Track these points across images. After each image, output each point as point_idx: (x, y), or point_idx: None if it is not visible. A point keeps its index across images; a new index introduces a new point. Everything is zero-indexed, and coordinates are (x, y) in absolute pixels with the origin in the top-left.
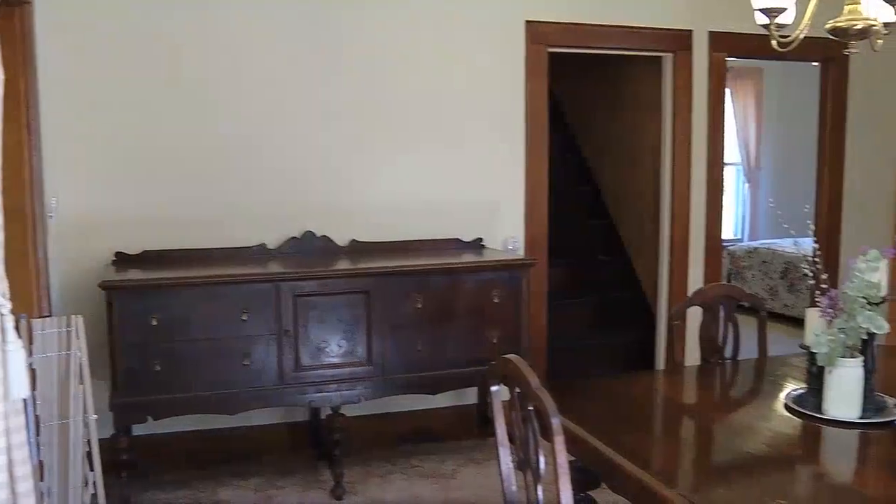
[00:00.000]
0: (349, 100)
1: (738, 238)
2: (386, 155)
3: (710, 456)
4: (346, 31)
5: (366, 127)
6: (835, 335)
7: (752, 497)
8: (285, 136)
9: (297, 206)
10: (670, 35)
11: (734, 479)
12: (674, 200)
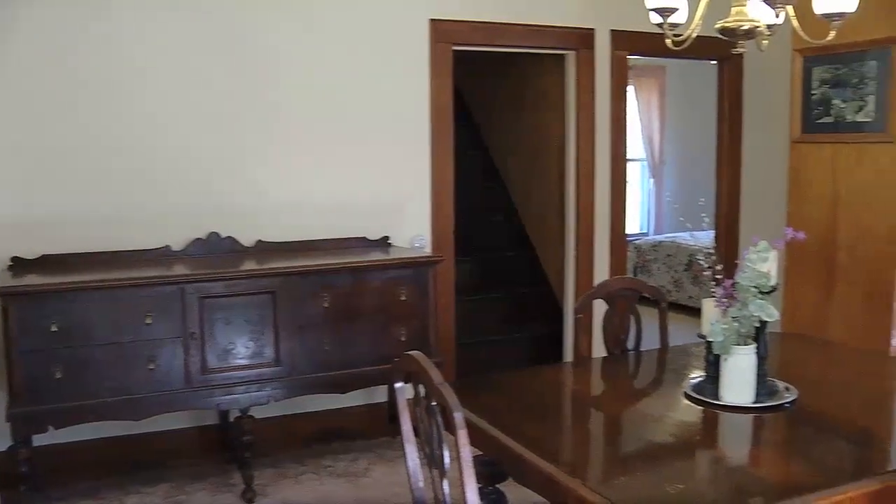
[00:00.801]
0: (253, 99)
1: (643, 232)
2: (291, 154)
3: (614, 446)
4: (250, 30)
5: (270, 126)
6: (729, 324)
7: (653, 484)
8: (188, 135)
9: (202, 207)
10: (573, 33)
11: (637, 468)
12: (578, 196)
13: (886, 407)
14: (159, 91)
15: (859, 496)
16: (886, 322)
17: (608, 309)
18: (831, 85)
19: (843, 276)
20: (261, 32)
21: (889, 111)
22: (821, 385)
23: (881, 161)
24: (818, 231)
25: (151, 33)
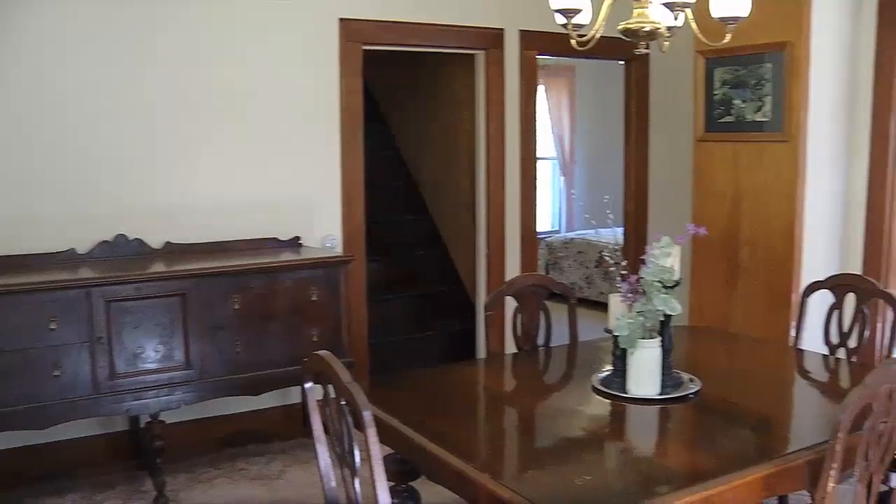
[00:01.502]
0: (160, 99)
1: (555, 230)
2: (200, 154)
3: (525, 440)
4: (157, 29)
5: (179, 126)
6: (634, 318)
7: (562, 477)
8: (93, 135)
9: (108, 209)
10: (483, 33)
11: (546, 461)
12: (489, 194)
13: (785, 395)
14: (62, 89)
15: (756, 479)
16: (786, 314)
17: (517, 306)
18: (732, 86)
19: (746, 271)
20: (168, 30)
21: (784, 111)
22: (724, 375)
23: (778, 159)
24: (721, 227)
25: (52, 29)
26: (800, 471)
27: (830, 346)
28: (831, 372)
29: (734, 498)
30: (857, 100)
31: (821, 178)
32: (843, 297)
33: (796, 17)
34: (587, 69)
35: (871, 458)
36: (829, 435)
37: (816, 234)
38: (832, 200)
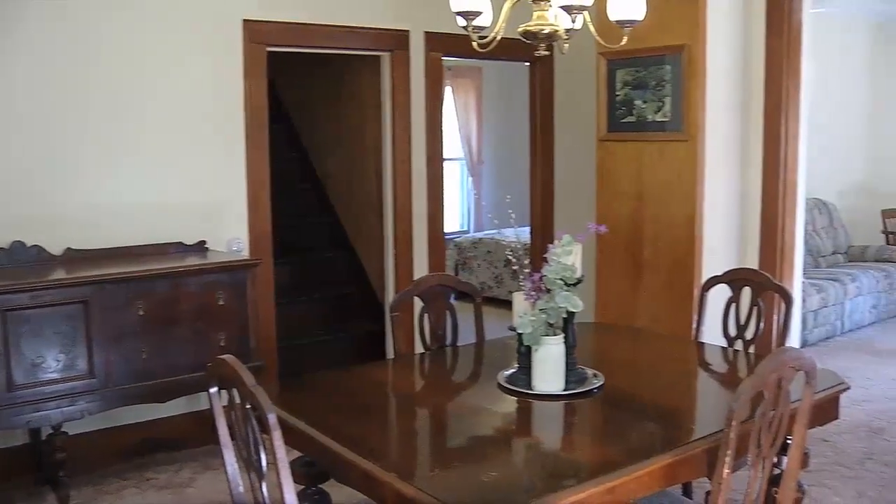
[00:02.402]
0: (57, 102)
1: (464, 230)
2: (100, 157)
3: (432, 439)
4: (59, 28)
5: (77, 130)
6: (537, 316)
7: (469, 474)
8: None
9: (4, 215)
10: (388, 35)
11: (454, 459)
12: (396, 196)
13: (686, 386)
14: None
15: (658, 469)
16: (688, 309)
17: (424, 305)
18: (633, 86)
19: (649, 267)
20: (66, 31)
21: (683, 111)
22: (628, 370)
23: (678, 158)
24: (625, 225)
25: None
26: (699, 459)
27: (729, 339)
28: (730, 363)
29: (637, 487)
30: (751, 100)
31: (719, 175)
32: (739, 290)
33: (693, 20)
34: (494, 70)
35: (763, 443)
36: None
37: (716, 231)
38: (730, 197)
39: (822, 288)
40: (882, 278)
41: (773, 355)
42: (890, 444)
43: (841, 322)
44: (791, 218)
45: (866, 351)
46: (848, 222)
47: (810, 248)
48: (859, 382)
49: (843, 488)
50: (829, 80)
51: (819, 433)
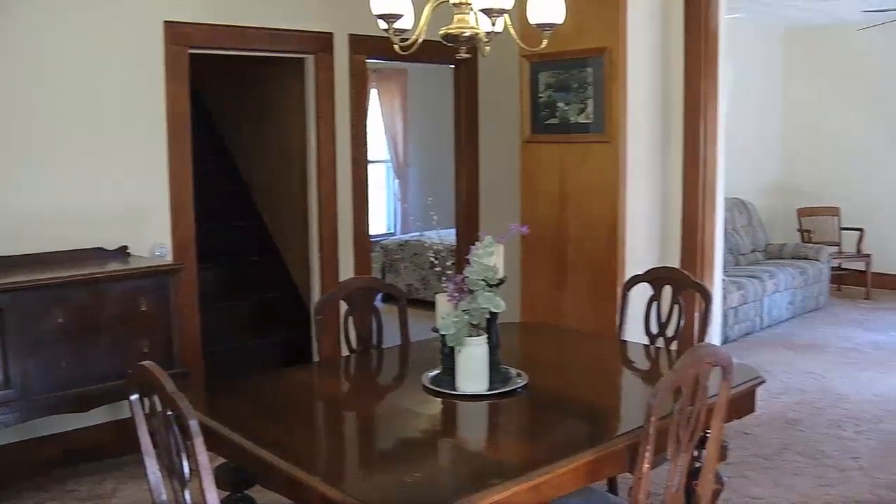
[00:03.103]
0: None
1: (390, 232)
2: (17, 161)
3: (357, 442)
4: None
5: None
6: (460, 317)
7: (394, 475)
8: None
9: None
10: (311, 37)
11: (378, 461)
12: (321, 198)
13: (609, 384)
14: None
15: (581, 466)
16: (611, 307)
17: (348, 308)
18: (556, 89)
19: (573, 267)
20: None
21: (605, 113)
22: (552, 369)
23: (601, 159)
24: (549, 226)
25: None
26: (621, 455)
27: (651, 336)
28: (652, 360)
29: (560, 484)
30: (671, 102)
31: (640, 176)
32: (660, 289)
33: (613, 24)
34: (419, 72)
35: (682, 438)
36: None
37: (638, 230)
38: (651, 197)
39: (742, 285)
40: (798, 275)
41: (691, 352)
42: (805, 435)
43: (760, 318)
44: (710, 217)
45: (784, 345)
46: (766, 221)
47: (730, 247)
48: (777, 376)
49: (762, 479)
50: (747, 83)
51: (739, 426)
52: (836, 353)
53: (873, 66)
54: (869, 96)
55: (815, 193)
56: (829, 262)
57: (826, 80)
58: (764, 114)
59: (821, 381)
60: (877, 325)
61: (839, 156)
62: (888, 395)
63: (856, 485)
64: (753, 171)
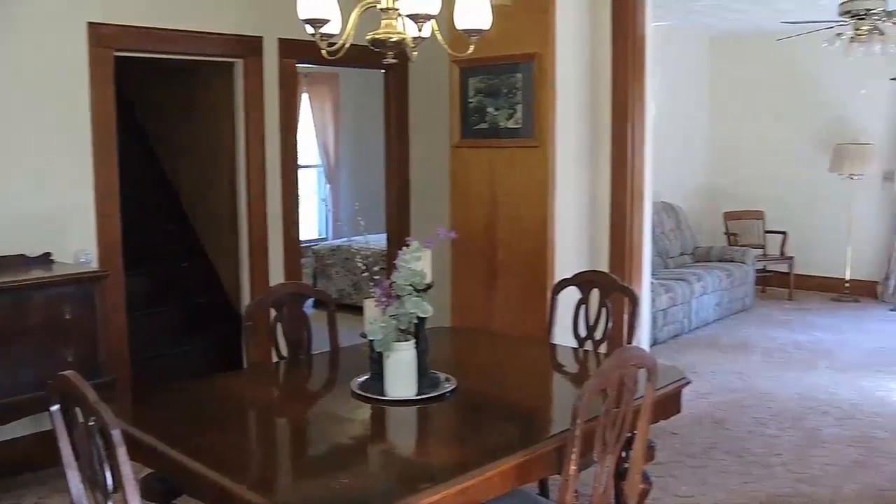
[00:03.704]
0: None
1: (322, 237)
2: None
3: (285, 449)
4: None
5: None
6: (388, 322)
7: (322, 482)
8: None
9: None
10: (240, 41)
11: (308, 469)
12: (250, 204)
13: (538, 387)
14: None
15: (509, 468)
16: (542, 311)
17: (276, 314)
18: (485, 94)
19: (504, 271)
20: None
21: (534, 118)
22: (481, 373)
23: (530, 164)
24: (479, 230)
25: None
26: (549, 457)
27: (579, 339)
28: (580, 363)
29: (489, 488)
30: (599, 107)
31: (569, 180)
32: (588, 292)
33: (543, 30)
34: (351, 77)
35: (608, 440)
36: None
37: (567, 234)
38: (580, 202)
39: (671, 288)
40: (725, 277)
41: (616, 354)
42: (731, 433)
43: (688, 320)
44: (639, 221)
45: (712, 346)
46: (694, 224)
47: (659, 250)
48: (705, 376)
49: (689, 477)
50: (675, 89)
51: (667, 426)
52: (761, 353)
53: (794, 74)
54: (791, 103)
55: (741, 197)
56: (755, 265)
57: (750, 87)
58: (692, 119)
59: (746, 381)
60: (799, 326)
61: (763, 161)
62: (809, 392)
63: (778, 480)
64: (682, 176)
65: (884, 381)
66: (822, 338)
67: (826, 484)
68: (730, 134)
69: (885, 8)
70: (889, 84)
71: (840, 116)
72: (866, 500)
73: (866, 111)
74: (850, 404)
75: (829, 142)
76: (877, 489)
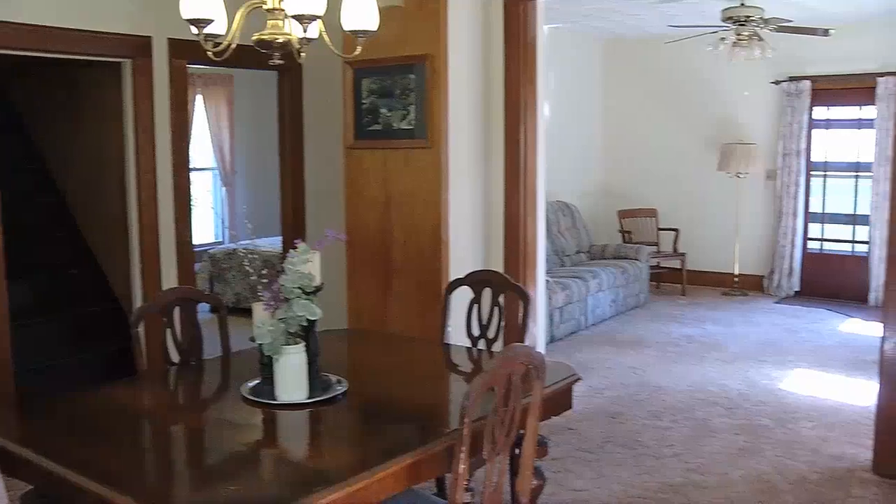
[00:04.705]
0: None
1: (218, 241)
2: None
3: (173, 457)
4: None
5: None
6: (276, 325)
7: (214, 491)
8: None
9: None
10: (128, 41)
11: (197, 477)
12: (141, 208)
13: (431, 387)
14: None
15: (400, 469)
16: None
17: (167, 320)
18: (379, 95)
19: (399, 273)
20: None
21: (427, 120)
22: (374, 374)
23: (423, 165)
24: (374, 232)
25: None
26: (440, 457)
27: (472, 339)
28: (474, 362)
29: (381, 489)
30: (492, 108)
31: (463, 181)
32: (480, 292)
33: (435, 31)
34: (246, 78)
35: (498, 438)
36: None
37: (462, 234)
38: (475, 202)
39: (567, 286)
40: (619, 274)
41: (503, 353)
42: (625, 427)
43: (585, 317)
44: (532, 220)
45: (607, 342)
46: (589, 223)
47: (556, 249)
48: (601, 372)
49: (585, 471)
50: (569, 90)
51: (563, 422)
52: (654, 348)
53: (682, 77)
54: (680, 105)
55: (635, 196)
56: (648, 262)
57: (642, 88)
58: (586, 120)
59: (641, 375)
60: (690, 320)
61: (655, 160)
62: (700, 384)
63: (670, 470)
64: (577, 175)
65: (769, 370)
66: (713, 331)
67: (714, 472)
68: (623, 134)
69: (763, 15)
70: (770, 87)
71: (726, 117)
72: (750, 485)
73: (750, 113)
74: (737, 394)
75: (717, 142)
76: (760, 474)
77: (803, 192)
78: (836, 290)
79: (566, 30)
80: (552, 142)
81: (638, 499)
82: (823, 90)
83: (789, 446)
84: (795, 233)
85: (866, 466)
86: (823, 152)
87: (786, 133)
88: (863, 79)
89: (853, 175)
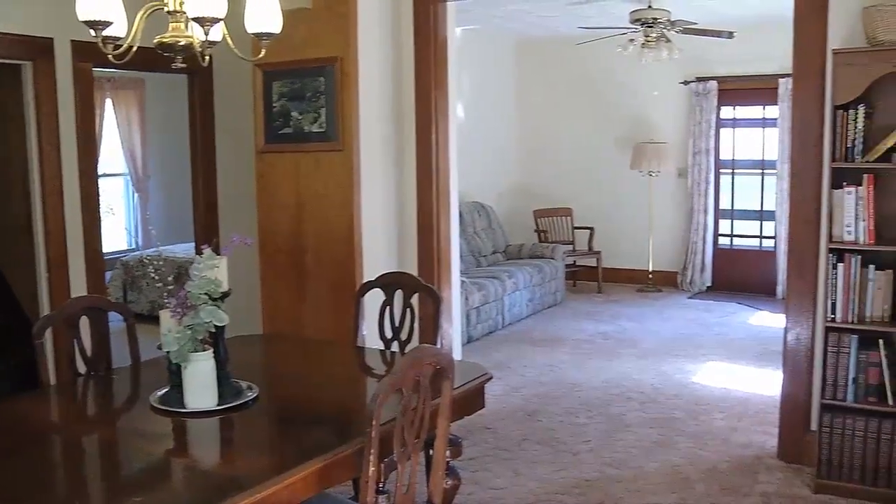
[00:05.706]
0: None
1: (131, 248)
2: None
3: (76, 471)
4: None
5: None
6: (182, 332)
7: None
8: None
9: None
10: (28, 42)
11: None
12: (46, 215)
13: (344, 391)
14: None
15: (310, 474)
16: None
17: (72, 330)
18: (289, 98)
19: (312, 276)
20: None
21: (337, 122)
22: (286, 379)
23: (335, 168)
24: (286, 235)
25: None
26: (351, 460)
27: (385, 341)
28: (388, 364)
29: (291, 495)
30: (404, 110)
31: (376, 183)
32: (392, 293)
33: (344, 33)
34: (158, 82)
35: (408, 439)
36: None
37: (375, 237)
38: (388, 204)
39: (483, 286)
40: (536, 273)
41: (410, 354)
42: (542, 424)
43: (502, 317)
44: (446, 221)
45: (524, 341)
46: (505, 223)
47: (472, 249)
48: (518, 371)
49: (503, 470)
50: (483, 91)
51: (481, 421)
52: (571, 346)
53: (595, 76)
54: (593, 104)
55: (550, 195)
56: (564, 260)
57: (555, 89)
58: (501, 121)
59: (557, 373)
60: (607, 317)
61: (570, 159)
62: (615, 380)
63: (586, 465)
64: (492, 176)
65: (682, 364)
66: (628, 327)
67: (630, 465)
68: (537, 134)
69: (670, 17)
70: (680, 87)
71: (638, 117)
72: (664, 477)
73: (661, 112)
74: (651, 388)
75: (629, 141)
76: (673, 465)
77: (713, 189)
78: (746, 285)
79: (479, 31)
80: (467, 143)
81: (555, 495)
82: (729, 90)
83: (701, 437)
84: (706, 229)
85: (772, 453)
86: (731, 150)
87: (695, 132)
88: (765, 80)
89: (759, 172)
